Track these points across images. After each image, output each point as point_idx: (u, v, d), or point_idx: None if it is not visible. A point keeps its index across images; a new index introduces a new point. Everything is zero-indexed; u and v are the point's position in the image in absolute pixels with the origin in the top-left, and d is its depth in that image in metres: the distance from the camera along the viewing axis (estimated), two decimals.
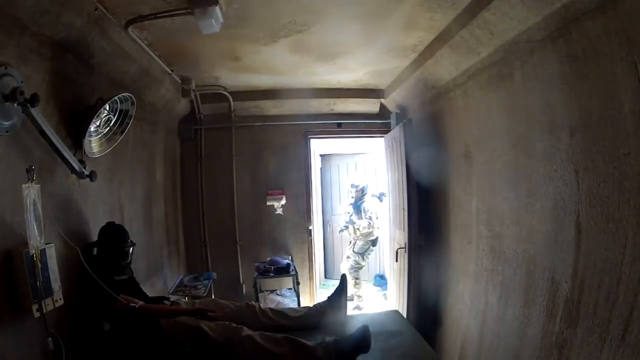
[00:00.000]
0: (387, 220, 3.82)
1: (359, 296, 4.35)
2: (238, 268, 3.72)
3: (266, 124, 3.71)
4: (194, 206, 3.68)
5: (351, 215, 4.39)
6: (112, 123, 1.93)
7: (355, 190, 4.43)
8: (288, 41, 2.27)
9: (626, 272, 1.18)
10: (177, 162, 3.61)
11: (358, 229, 4.26)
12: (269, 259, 3.38)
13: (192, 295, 2.81)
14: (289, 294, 3.45)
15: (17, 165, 1.37)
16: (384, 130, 3.72)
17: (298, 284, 3.25)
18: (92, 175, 1.78)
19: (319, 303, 2.14)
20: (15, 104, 1.29)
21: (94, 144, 1.86)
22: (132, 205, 2.48)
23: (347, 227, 4.34)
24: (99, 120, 1.85)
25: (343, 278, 2.21)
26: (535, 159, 1.65)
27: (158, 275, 2.91)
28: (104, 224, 1.91)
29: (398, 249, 3.11)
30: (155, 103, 2.84)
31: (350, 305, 3.85)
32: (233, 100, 3.48)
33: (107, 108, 1.84)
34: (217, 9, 1.68)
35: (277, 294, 3.45)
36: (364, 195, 4.42)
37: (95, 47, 1.81)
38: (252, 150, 3.75)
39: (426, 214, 2.94)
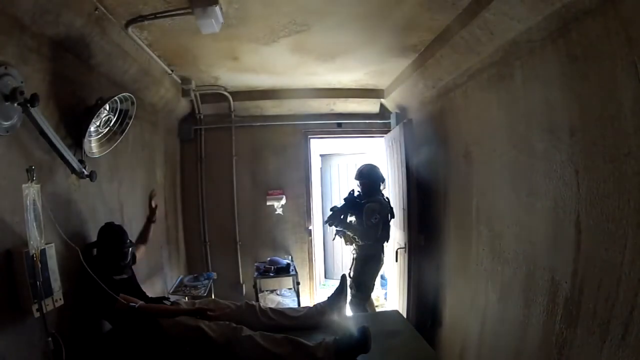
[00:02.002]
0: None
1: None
2: (238, 268, 3.73)
3: (266, 124, 3.72)
4: (194, 206, 3.68)
5: (335, 212, 2.93)
6: (112, 123, 1.93)
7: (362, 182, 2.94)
8: (288, 41, 2.27)
9: (626, 272, 1.18)
10: (177, 162, 3.61)
11: (355, 238, 2.87)
12: (269, 259, 3.38)
13: (192, 295, 2.81)
14: (289, 294, 3.45)
15: (17, 165, 1.37)
16: (384, 130, 3.72)
17: (298, 284, 3.26)
18: (92, 175, 1.78)
19: (319, 303, 2.14)
20: (15, 104, 1.30)
21: (94, 144, 1.86)
22: (132, 205, 2.47)
23: (343, 232, 2.97)
24: (99, 120, 1.85)
25: (343, 278, 2.21)
26: (535, 159, 1.65)
27: (158, 275, 2.91)
28: (104, 224, 1.91)
29: (398, 249, 3.11)
30: (155, 103, 2.84)
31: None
32: (233, 100, 3.48)
33: (107, 108, 1.84)
34: (217, 8, 1.68)
35: (277, 294, 3.45)
36: (376, 189, 2.94)
37: (95, 47, 1.81)
38: (252, 150, 3.76)
39: (426, 214, 2.94)
